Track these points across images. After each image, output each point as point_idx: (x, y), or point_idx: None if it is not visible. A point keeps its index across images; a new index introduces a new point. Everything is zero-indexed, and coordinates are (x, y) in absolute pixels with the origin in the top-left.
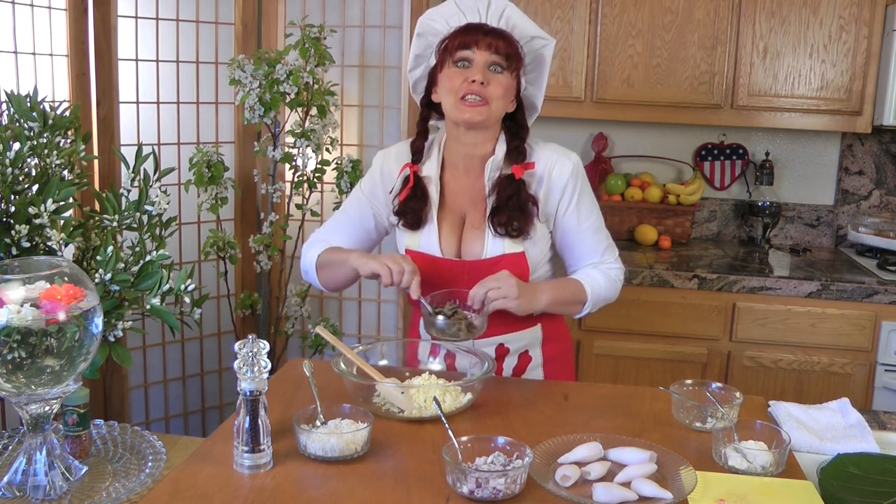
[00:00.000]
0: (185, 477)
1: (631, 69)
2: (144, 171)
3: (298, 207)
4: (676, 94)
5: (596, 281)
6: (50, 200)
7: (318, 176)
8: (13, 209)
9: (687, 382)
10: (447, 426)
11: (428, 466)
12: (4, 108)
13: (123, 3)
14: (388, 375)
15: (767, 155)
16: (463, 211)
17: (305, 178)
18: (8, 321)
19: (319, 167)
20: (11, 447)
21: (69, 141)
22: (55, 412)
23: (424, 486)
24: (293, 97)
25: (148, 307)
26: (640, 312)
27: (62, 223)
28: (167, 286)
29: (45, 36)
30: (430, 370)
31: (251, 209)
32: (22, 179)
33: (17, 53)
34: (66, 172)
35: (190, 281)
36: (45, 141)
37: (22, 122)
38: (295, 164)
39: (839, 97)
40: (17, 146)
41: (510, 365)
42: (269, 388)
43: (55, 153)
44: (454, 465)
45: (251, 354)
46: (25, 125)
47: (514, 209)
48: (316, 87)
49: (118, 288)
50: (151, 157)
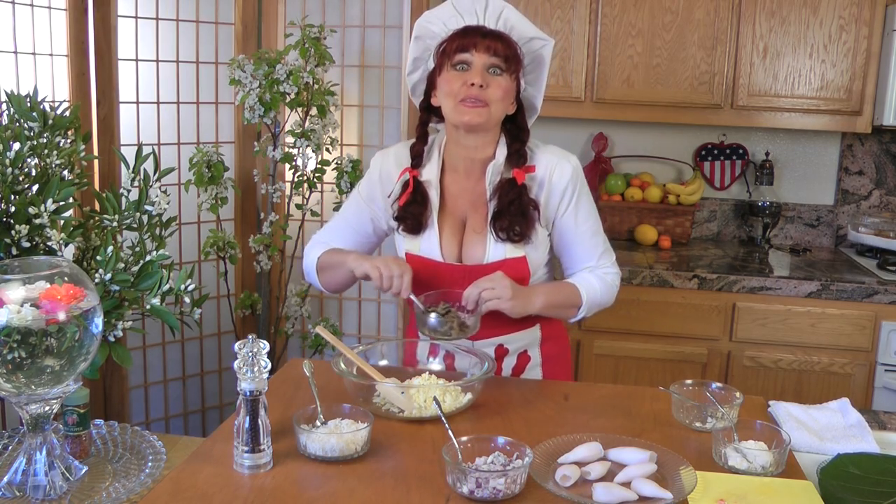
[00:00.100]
0: (185, 477)
1: (631, 69)
2: (144, 171)
3: (298, 207)
4: (676, 94)
5: (592, 285)
6: (50, 200)
7: (318, 176)
8: (13, 209)
9: (687, 382)
10: (447, 426)
11: (428, 466)
12: (4, 108)
13: (123, 3)
14: (388, 375)
15: (767, 155)
16: (463, 214)
17: (305, 178)
18: (8, 321)
19: (319, 167)
20: (11, 447)
21: (69, 141)
22: (55, 412)
23: (424, 486)
24: (293, 97)
25: (148, 307)
26: (640, 312)
27: (62, 223)
28: (167, 286)
29: (45, 36)
30: (429, 370)
31: (251, 209)
32: (22, 179)
33: (17, 53)
34: (66, 172)
35: (190, 281)
36: (45, 141)
37: (22, 122)
38: (295, 164)
39: (839, 97)
40: (17, 146)
41: (509, 365)
42: (269, 388)
43: (55, 153)
44: (454, 465)
45: (251, 354)
46: (25, 125)
47: (515, 214)
48: (316, 87)
49: (118, 288)
50: (151, 157)
